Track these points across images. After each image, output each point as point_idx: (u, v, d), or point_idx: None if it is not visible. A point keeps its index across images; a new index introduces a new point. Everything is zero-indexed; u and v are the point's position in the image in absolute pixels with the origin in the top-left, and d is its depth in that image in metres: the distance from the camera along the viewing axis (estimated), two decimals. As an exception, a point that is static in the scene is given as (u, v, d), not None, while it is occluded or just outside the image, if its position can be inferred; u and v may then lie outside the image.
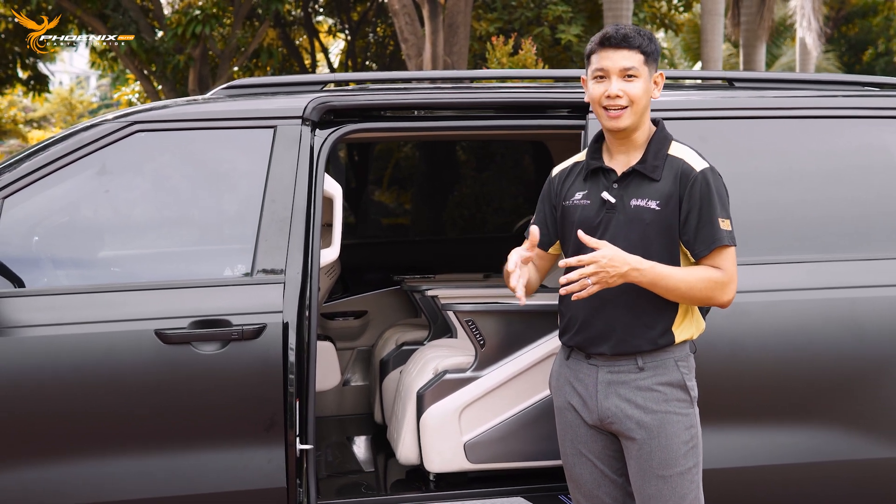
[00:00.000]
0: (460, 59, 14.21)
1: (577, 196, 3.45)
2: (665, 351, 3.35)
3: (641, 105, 3.33)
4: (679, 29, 20.88)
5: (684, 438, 3.34)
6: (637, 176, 3.36)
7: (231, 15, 17.33)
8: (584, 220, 3.39)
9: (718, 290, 3.29)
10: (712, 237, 3.27)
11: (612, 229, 3.33)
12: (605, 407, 3.37)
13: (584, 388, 3.41)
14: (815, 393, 4.05)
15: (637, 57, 3.31)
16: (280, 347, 3.79)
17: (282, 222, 3.94)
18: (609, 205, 3.35)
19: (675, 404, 3.34)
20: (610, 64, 3.32)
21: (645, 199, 3.32)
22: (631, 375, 3.34)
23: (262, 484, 3.82)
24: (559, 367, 3.54)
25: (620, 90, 3.30)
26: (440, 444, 4.50)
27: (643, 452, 3.34)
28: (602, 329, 3.34)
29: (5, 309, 3.73)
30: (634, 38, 3.31)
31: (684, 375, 3.36)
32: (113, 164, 4.05)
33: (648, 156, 3.37)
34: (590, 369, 3.41)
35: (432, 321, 5.43)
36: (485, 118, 4.41)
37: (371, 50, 23.29)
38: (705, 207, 3.28)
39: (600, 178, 3.42)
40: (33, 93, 19.97)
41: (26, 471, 3.71)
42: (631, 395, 3.34)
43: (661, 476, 3.33)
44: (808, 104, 4.37)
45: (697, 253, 3.30)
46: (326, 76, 4.49)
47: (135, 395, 3.75)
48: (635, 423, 3.33)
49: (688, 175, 3.31)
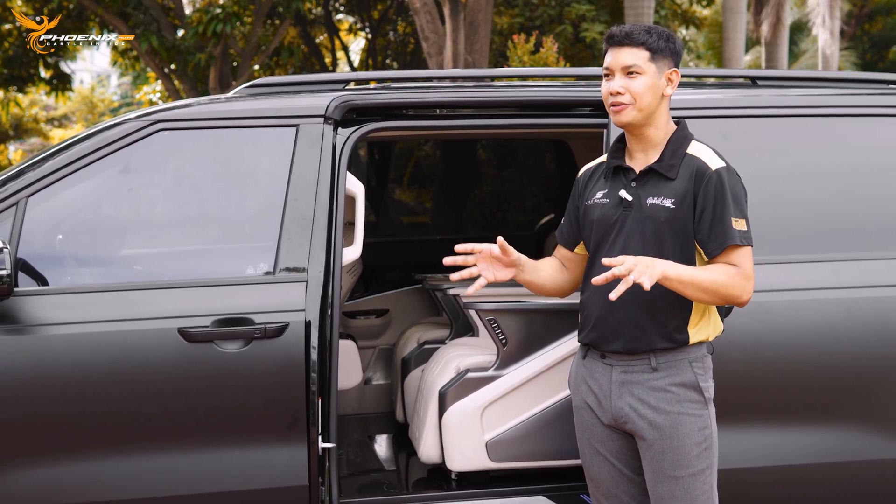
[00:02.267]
0: (481, 58, 14.20)
1: (598, 195, 3.48)
2: (679, 351, 3.35)
3: (645, 101, 3.35)
4: (701, 24, 20.81)
5: (697, 440, 3.34)
6: (654, 175, 3.39)
7: (252, 13, 17.36)
8: (601, 219, 3.42)
9: (738, 288, 3.28)
10: (724, 236, 3.28)
11: (627, 227, 3.36)
12: (618, 407, 3.38)
13: (599, 387, 3.43)
14: (837, 392, 4.04)
15: (641, 54, 3.34)
16: (302, 346, 3.80)
17: (304, 221, 3.95)
18: (626, 203, 3.38)
19: (688, 405, 3.34)
20: (613, 61, 3.37)
21: (661, 197, 3.34)
22: (644, 375, 3.35)
23: (284, 482, 3.83)
24: (577, 366, 3.57)
25: (622, 87, 3.34)
26: (462, 442, 4.49)
27: (655, 453, 3.34)
28: (616, 325, 3.35)
29: (29, 307, 3.75)
30: (638, 35, 3.34)
31: (698, 376, 3.36)
32: (136, 162, 4.06)
33: (665, 155, 3.39)
34: (604, 369, 3.42)
35: (454, 320, 5.42)
36: (506, 117, 4.41)
37: (391, 48, 23.29)
38: (718, 206, 3.29)
39: (620, 177, 3.45)
40: (56, 92, 20.04)
41: (51, 468, 3.73)
42: (644, 395, 3.34)
43: (673, 477, 3.33)
44: (831, 102, 4.35)
45: (710, 252, 3.31)
46: (348, 75, 4.49)
47: (158, 393, 3.77)
48: (648, 424, 3.33)
49: (703, 173, 3.32)
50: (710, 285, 3.24)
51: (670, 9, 19.15)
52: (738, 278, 3.27)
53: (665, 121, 3.43)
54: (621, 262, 3.14)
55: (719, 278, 3.25)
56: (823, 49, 22.74)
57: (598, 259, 3.39)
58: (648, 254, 3.30)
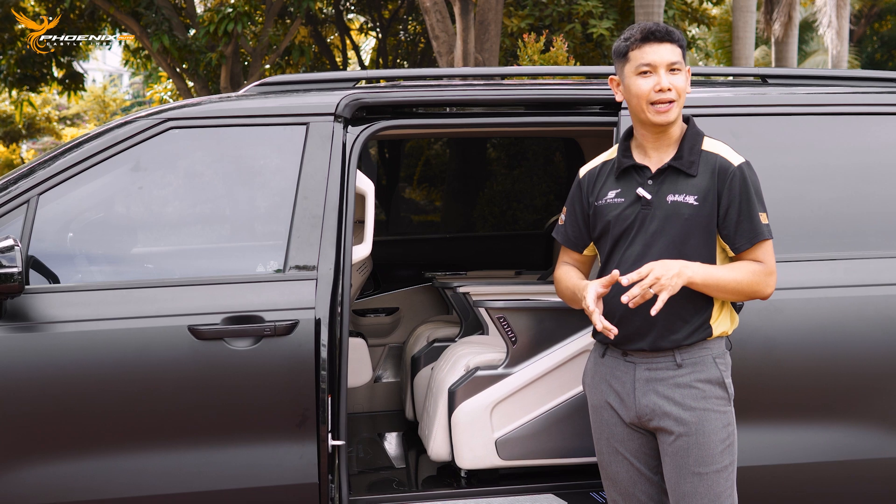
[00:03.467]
0: (491, 57, 14.20)
1: (611, 195, 3.44)
2: (702, 347, 3.35)
3: (685, 98, 3.37)
4: (711, 23, 20.76)
5: (722, 436, 3.34)
6: (673, 172, 3.37)
7: (263, 13, 17.39)
8: (618, 218, 3.39)
9: (762, 283, 3.33)
10: (753, 231, 3.31)
11: (648, 225, 3.34)
12: (643, 404, 3.36)
13: (622, 385, 3.40)
14: (850, 390, 4.03)
15: (678, 51, 3.35)
16: (312, 343, 3.80)
17: (314, 219, 3.95)
18: (645, 201, 3.36)
19: (713, 401, 3.34)
20: (657, 58, 3.33)
21: (682, 194, 3.32)
22: (669, 372, 3.34)
23: (293, 479, 3.84)
24: (594, 364, 3.53)
25: (670, 83, 3.32)
26: (472, 440, 4.50)
27: (680, 449, 3.32)
28: (640, 325, 3.33)
29: (40, 304, 3.76)
30: (675, 33, 3.35)
31: (722, 373, 3.37)
32: (146, 160, 4.07)
33: (683, 151, 3.38)
34: (627, 367, 3.40)
35: (464, 318, 5.43)
36: (516, 115, 4.41)
37: (402, 48, 23.30)
38: (745, 202, 3.31)
39: (633, 176, 3.42)
40: (68, 91, 20.09)
41: (62, 465, 3.74)
42: (669, 392, 3.33)
43: (698, 473, 3.31)
44: (841, 101, 4.35)
45: (739, 247, 3.33)
46: (358, 73, 4.50)
47: (168, 391, 3.78)
48: (674, 420, 3.32)
49: (726, 170, 3.33)
50: (735, 285, 3.28)
51: (679, 8, 19.11)
52: (761, 275, 3.32)
53: (681, 118, 3.45)
54: (647, 272, 3.16)
55: (744, 277, 3.29)
56: (830, 49, 22.70)
57: (614, 258, 3.38)
58: (671, 252, 3.29)
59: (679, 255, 3.29)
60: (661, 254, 3.30)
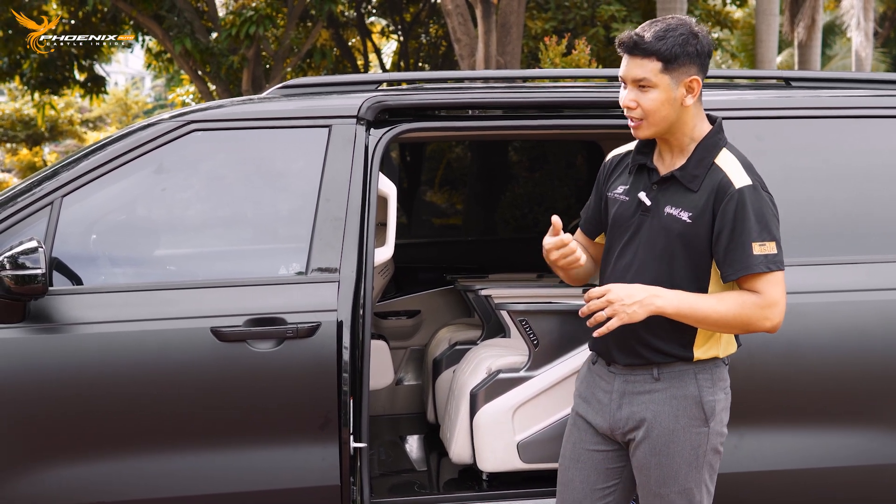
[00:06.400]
0: (513, 60, 14.19)
1: (619, 189, 3.29)
2: (685, 363, 3.19)
3: (659, 116, 3.10)
4: (734, 26, 20.71)
5: (688, 458, 3.18)
6: (675, 182, 3.16)
7: (285, 16, 17.43)
8: (619, 218, 3.26)
9: (757, 317, 3.06)
10: (742, 263, 3.05)
11: (642, 233, 3.19)
12: (617, 417, 3.25)
13: (604, 394, 3.30)
14: (871, 395, 4.01)
15: (652, 65, 3.06)
16: (334, 346, 3.80)
17: (336, 221, 3.96)
18: (644, 207, 3.20)
19: (684, 421, 3.17)
20: (625, 71, 3.12)
21: (678, 208, 3.13)
22: (646, 386, 3.21)
23: (316, 481, 3.84)
24: (585, 371, 3.44)
25: (633, 100, 3.11)
26: (493, 443, 4.49)
27: (644, 467, 3.22)
28: (617, 339, 3.20)
29: (64, 306, 3.78)
30: (650, 45, 3.05)
31: (702, 389, 3.18)
32: (169, 162, 4.09)
33: (690, 163, 3.15)
34: (609, 376, 3.29)
35: (485, 321, 5.42)
36: (538, 118, 4.40)
37: (424, 51, 23.33)
38: (738, 229, 3.05)
39: (644, 176, 3.25)
40: (90, 94, 20.19)
41: (84, 466, 3.75)
42: (642, 407, 3.21)
43: (658, 494, 3.21)
44: (866, 104, 4.33)
45: (726, 276, 3.09)
46: (380, 76, 4.50)
47: (191, 392, 3.79)
48: (641, 437, 3.21)
49: (724, 191, 3.08)
50: (718, 318, 3.05)
51: (703, 9, 19.07)
52: (754, 307, 3.05)
53: (692, 126, 3.17)
54: (605, 291, 3.04)
55: (729, 310, 3.05)
56: (858, 51, 22.62)
57: (609, 260, 3.27)
58: (656, 267, 3.14)
59: (664, 273, 3.14)
60: (646, 266, 3.16)
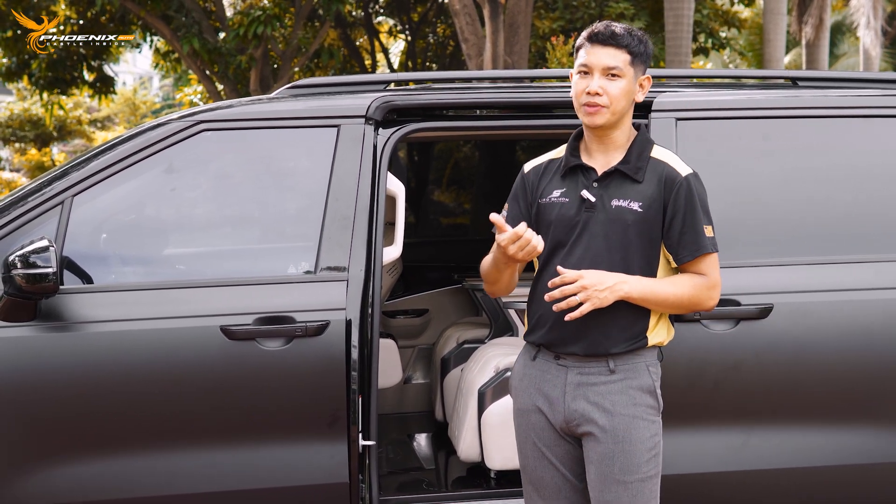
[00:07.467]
0: (521, 59, 14.20)
1: (555, 193, 3.36)
2: (637, 354, 3.28)
3: (620, 105, 3.26)
4: (742, 25, 20.70)
5: (648, 446, 3.26)
6: (619, 176, 3.30)
7: (292, 15, 17.46)
8: (561, 218, 3.31)
9: (704, 296, 3.29)
10: (697, 244, 3.25)
11: (591, 228, 3.26)
12: (572, 409, 3.27)
13: (553, 389, 3.32)
14: (877, 393, 4.01)
15: (623, 56, 3.25)
16: (343, 344, 3.82)
17: (345, 220, 3.97)
18: (588, 203, 3.28)
19: (643, 409, 3.26)
20: (594, 60, 3.26)
21: (627, 200, 3.26)
22: (602, 377, 3.26)
23: (324, 479, 3.86)
24: (523, 367, 3.43)
25: (601, 87, 3.24)
26: (501, 441, 4.50)
27: (605, 457, 3.24)
28: (576, 328, 3.24)
29: (74, 305, 3.80)
30: (623, 37, 3.26)
31: (654, 382, 3.30)
32: (179, 162, 4.10)
33: (631, 157, 3.31)
34: (559, 370, 3.31)
35: (493, 319, 5.44)
36: (545, 117, 4.41)
37: (431, 50, 23.34)
38: (689, 214, 3.25)
39: (579, 177, 3.34)
40: (99, 94, 20.23)
41: (94, 464, 3.78)
42: (599, 398, 3.25)
43: (622, 482, 3.23)
44: (873, 103, 4.33)
45: (682, 258, 3.27)
46: (388, 76, 4.52)
47: (200, 390, 3.81)
48: (601, 427, 3.24)
49: (673, 180, 3.27)
50: (675, 300, 3.25)
51: (711, 8, 19.06)
52: (703, 288, 3.27)
53: (629, 124, 3.36)
54: (575, 278, 3.13)
55: (684, 291, 3.25)
56: (867, 50, 22.59)
57: (554, 260, 3.30)
58: (612, 257, 3.23)
59: (620, 262, 3.23)
60: (600, 258, 3.24)
